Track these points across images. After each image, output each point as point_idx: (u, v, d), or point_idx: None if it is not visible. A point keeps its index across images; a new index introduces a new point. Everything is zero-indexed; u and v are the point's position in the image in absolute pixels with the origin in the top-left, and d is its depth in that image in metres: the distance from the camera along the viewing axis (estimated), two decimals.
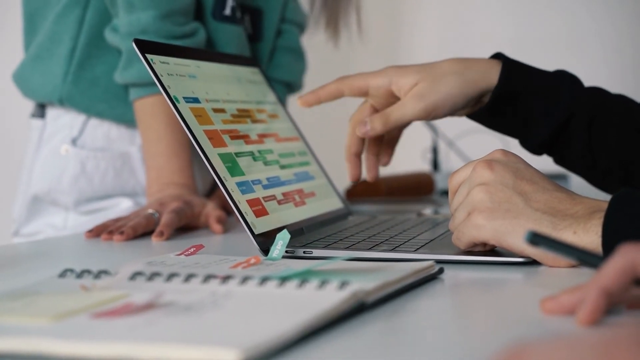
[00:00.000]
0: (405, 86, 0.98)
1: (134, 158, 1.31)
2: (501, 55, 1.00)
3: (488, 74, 0.98)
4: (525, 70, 0.99)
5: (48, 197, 1.31)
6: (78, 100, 1.28)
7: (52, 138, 1.31)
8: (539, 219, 0.74)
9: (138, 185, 1.31)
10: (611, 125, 0.98)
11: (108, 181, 1.30)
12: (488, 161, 0.77)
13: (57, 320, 0.53)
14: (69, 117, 1.31)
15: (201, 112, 0.92)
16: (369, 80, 1.00)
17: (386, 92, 1.00)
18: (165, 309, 0.55)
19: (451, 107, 0.98)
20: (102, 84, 1.28)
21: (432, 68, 0.98)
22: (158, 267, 0.72)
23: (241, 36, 1.32)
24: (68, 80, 1.28)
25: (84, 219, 1.28)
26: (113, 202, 1.30)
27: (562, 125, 0.98)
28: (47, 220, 1.32)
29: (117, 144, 1.31)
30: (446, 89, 0.97)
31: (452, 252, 0.81)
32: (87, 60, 1.28)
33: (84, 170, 1.29)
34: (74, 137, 1.30)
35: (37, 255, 0.95)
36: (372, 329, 0.56)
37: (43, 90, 1.30)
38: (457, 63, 0.98)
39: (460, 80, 0.97)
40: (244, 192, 0.89)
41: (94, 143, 1.30)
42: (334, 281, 0.60)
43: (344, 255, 0.80)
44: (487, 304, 0.66)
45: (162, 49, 0.92)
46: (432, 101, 0.97)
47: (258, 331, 0.50)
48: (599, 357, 0.33)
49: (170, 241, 1.02)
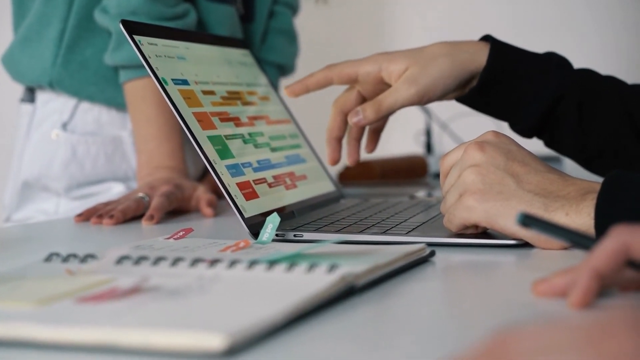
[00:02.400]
0: (395, 72, 0.97)
1: (125, 142, 1.30)
2: (490, 37, 0.99)
3: (477, 55, 0.97)
4: (513, 52, 0.98)
5: (39, 183, 1.30)
6: (68, 84, 1.27)
7: (42, 123, 1.30)
8: (530, 200, 0.73)
9: (130, 170, 1.30)
10: (601, 108, 0.97)
11: (99, 166, 1.29)
12: (479, 143, 0.77)
13: (41, 305, 0.52)
14: (59, 102, 1.29)
15: (190, 94, 0.90)
16: (357, 67, 0.99)
17: (375, 79, 0.99)
18: (151, 293, 0.55)
19: (443, 90, 0.97)
20: (92, 66, 1.26)
21: (421, 52, 0.97)
22: (145, 251, 0.71)
23: (233, 17, 1.31)
24: (58, 63, 1.26)
25: (76, 204, 1.27)
26: (105, 187, 1.29)
27: (551, 108, 0.98)
28: (38, 206, 1.31)
29: (108, 128, 1.30)
30: (437, 71, 0.96)
31: (444, 234, 0.80)
32: (76, 43, 1.26)
33: (75, 155, 1.28)
34: (64, 122, 1.29)
35: (26, 239, 0.94)
36: (361, 313, 0.55)
37: (32, 73, 1.28)
38: (446, 46, 0.97)
39: (450, 62, 0.96)
40: (234, 175, 0.88)
41: (85, 127, 1.29)
42: (323, 265, 0.59)
43: (333, 238, 0.79)
44: (479, 287, 0.66)
45: (150, 31, 0.91)
46: (424, 85, 0.96)
47: (244, 315, 0.49)
48: (589, 341, 0.33)
49: (160, 225, 1.01)
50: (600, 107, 0.97)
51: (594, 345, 0.32)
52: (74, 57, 1.26)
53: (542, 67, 0.98)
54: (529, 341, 0.33)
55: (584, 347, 0.33)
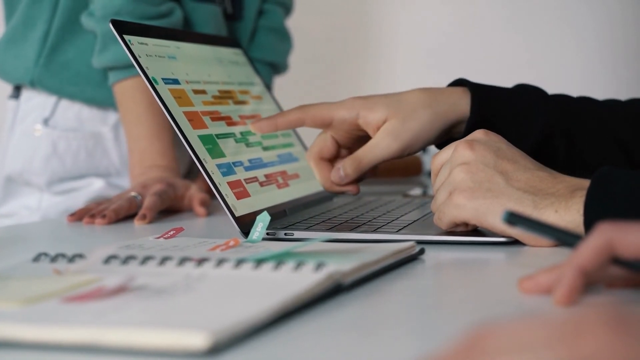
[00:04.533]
0: (373, 122, 0.93)
1: (106, 138, 1.32)
2: (465, 81, 0.96)
3: (458, 105, 0.94)
4: (495, 98, 0.95)
5: (21, 177, 1.32)
6: (48, 83, 1.30)
7: (25, 118, 1.33)
8: (520, 198, 0.73)
9: (111, 166, 1.33)
10: (588, 139, 0.96)
11: (80, 161, 1.31)
12: (469, 141, 0.77)
13: (27, 305, 0.52)
14: (41, 98, 1.32)
15: (181, 93, 0.90)
16: (333, 112, 0.95)
17: (351, 126, 0.95)
18: (137, 292, 0.55)
19: (424, 142, 0.94)
20: (73, 67, 1.29)
21: (400, 102, 0.93)
22: (134, 251, 0.71)
23: (217, 15, 1.32)
24: (40, 63, 1.29)
25: (58, 199, 1.29)
26: (85, 182, 1.31)
27: (540, 145, 0.95)
28: (21, 202, 1.33)
29: (89, 124, 1.32)
30: (418, 125, 0.93)
31: (435, 232, 0.80)
32: (59, 44, 1.29)
33: (56, 150, 1.30)
34: (45, 118, 1.31)
35: (17, 239, 0.94)
36: (348, 311, 0.55)
37: (16, 72, 1.32)
38: (425, 95, 0.94)
39: (431, 114, 0.93)
40: (225, 174, 0.88)
41: (66, 123, 1.31)
42: (310, 263, 0.59)
43: (322, 236, 0.79)
44: (467, 284, 0.66)
45: (140, 30, 0.91)
46: (405, 139, 0.93)
47: (228, 314, 0.49)
48: (563, 337, 0.33)
49: (152, 224, 1.01)
50: (587, 137, 0.96)
51: (568, 341, 0.33)
52: (56, 58, 1.29)
53: (525, 106, 0.96)
54: (504, 336, 0.33)
55: (559, 342, 0.33)
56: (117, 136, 1.32)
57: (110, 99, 1.28)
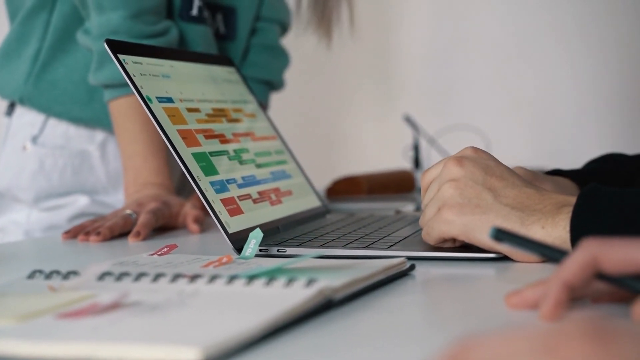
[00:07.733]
0: None
1: (93, 156, 1.34)
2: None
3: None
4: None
5: (9, 193, 1.34)
6: (37, 101, 1.32)
7: (15, 135, 1.35)
8: (507, 214, 0.74)
9: (98, 183, 1.34)
10: None
11: (67, 178, 1.32)
12: (458, 158, 0.78)
13: (22, 321, 0.53)
14: (31, 116, 1.34)
15: (175, 111, 0.92)
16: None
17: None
18: (131, 308, 0.55)
19: None
20: (61, 86, 1.31)
21: None
22: (128, 267, 0.72)
23: (207, 35, 1.33)
24: (30, 81, 1.31)
25: (45, 215, 1.30)
26: (71, 199, 1.33)
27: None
28: (10, 217, 1.34)
29: (76, 142, 1.34)
30: None
31: (426, 248, 0.81)
32: (50, 63, 1.31)
33: (43, 167, 1.32)
34: (34, 135, 1.33)
35: (11, 256, 0.95)
36: (338, 326, 0.56)
37: (8, 88, 1.34)
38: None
39: None
40: (218, 192, 0.89)
41: (54, 141, 1.33)
42: (301, 279, 0.60)
43: (313, 252, 0.80)
44: (456, 300, 0.67)
45: (134, 49, 0.92)
46: None
47: (221, 329, 0.50)
48: (545, 350, 0.34)
49: (147, 241, 1.02)
50: None
51: (550, 353, 0.34)
52: (46, 76, 1.31)
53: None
54: (488, 348, 0.34)
55: (541, 354, 0.34)
56: (104, 154, 1.34)
57: (96, 119, 1.31)
